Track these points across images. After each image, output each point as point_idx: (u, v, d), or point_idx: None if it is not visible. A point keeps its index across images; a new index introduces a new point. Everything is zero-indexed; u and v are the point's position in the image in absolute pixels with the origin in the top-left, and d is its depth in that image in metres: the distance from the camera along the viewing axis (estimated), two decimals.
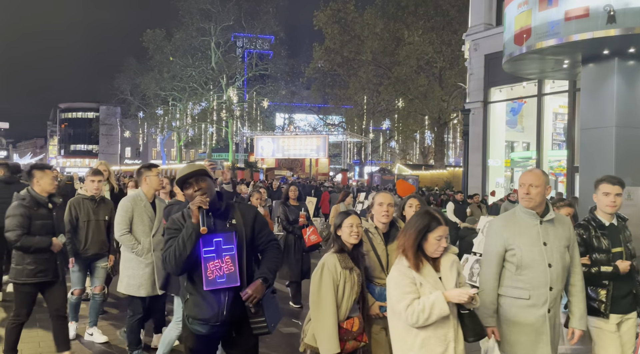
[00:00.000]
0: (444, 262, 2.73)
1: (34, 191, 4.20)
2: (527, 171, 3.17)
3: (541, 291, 2.99)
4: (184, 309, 2.94)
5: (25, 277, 4.10)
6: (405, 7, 31.07)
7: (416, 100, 30.81)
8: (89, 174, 5.17)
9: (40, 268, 4.11)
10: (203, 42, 41.29)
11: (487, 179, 16.60)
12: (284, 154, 36.19)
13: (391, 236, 3.47)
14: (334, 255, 3.12)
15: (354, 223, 3.17)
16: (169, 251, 2.82)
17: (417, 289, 2.63)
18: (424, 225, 2.67)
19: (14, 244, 4.07)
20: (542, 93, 14.99)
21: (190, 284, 2.88)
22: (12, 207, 4.15)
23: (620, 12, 7.88)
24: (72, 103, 76.01)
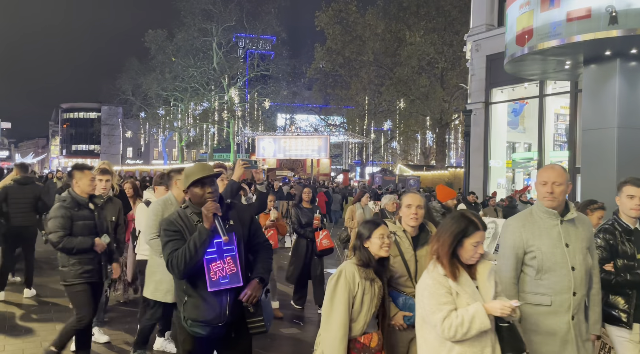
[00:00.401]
0: (481, 270, 2.52)
1: (74, 192, 4.14)
2: (547, 167, 2.97)
3: (564, 296, 2.79)
4: (182, 312, 2.88)
5: (71, 278, 4.05)
6: (407, 7, 31.06)
7: (417, 101, 30.79)
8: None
9: (86, 269, 4.06)
10: (205, 43, 41.34)
11: (489, 180, 16.59)
12: (286, 154, 36.20)
13: (420, 241, 3.22)
14: (354, 265, 2.86)
15: (385, 234, 2.87)
16: (176, 255, 2.75)
17: (454, 300, 2.43)
18: (460, 229, 2.47)
19: (56, 246, 4.01)
20: (544, 94, 14.98)
21: (189, 286, 2.84)
22: (53, 208, 4.11)
23: (622, 13, 7.87)
24: (74, 103, 76.17)
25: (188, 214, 2.91)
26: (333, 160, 41.02)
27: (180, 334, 2.97)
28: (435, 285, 2.46)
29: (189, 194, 2.92)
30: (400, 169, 36.95)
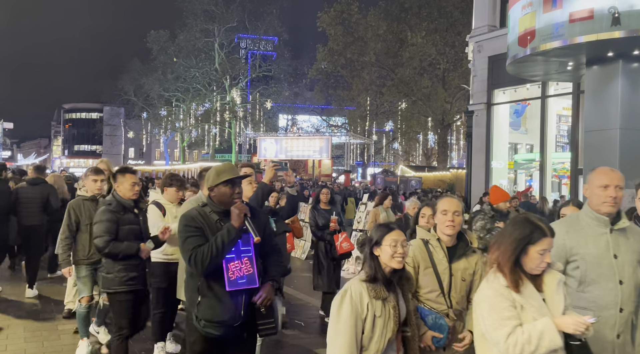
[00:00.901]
0: (548, 281, 2.25)
1: (118, 195, 4.03)
2: (606, 169, 2.73)
3: (609, 312, 2.52)
4: (195, 312, 2.86)
5: (117, 285, 3.90)
6: (409, 8, 31.05)
7: (419, 101, 30.77)
8: (90, 173, 4.92)
9: (131, 276, 3.91)
10: (207, 43, 41.38)
11: (491, 181, 16.56)
12: (287, 155, 36.20)
13: (457, 252, 2.89)
14: (362, 283, 2.45)
15: (399, 240, 2.45)
16: (200, 250, 2.72)
17: (518, 314, 2.16)
18: (524, 235, 2.20)
19: (102, 251, 3.89)
20: (546, 95, 14.95)
21: (205, 286, 2.83)
22: (99, 212, 3.99)
23: (625, 14, 7.86)
24: (76, 104, 76.36)
25: (207, 213, 2.90)
26: (335, 161, 41.02)
27: (191, 335, 2.93)
28: (497, 297, 2.20)
29: (214, 192, 2.91)
30: (402, 170, 36.94)
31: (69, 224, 4.75)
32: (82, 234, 4.78)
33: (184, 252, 2.79)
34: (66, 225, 4.76)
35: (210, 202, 2.93)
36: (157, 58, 42.73)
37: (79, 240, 4.79)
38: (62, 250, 4.77)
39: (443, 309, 2.81)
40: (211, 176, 2.92)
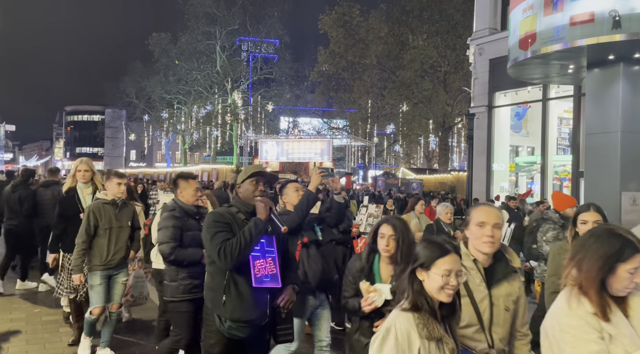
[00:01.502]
0: (635, 304, 1.90)
1: (181, 201, 3.95)
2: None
3: None
4: (221, 313, 2.82)
5: (181, 294, 3.78)
6: (410, 11, 31.12)
7: (420, 104, 30.80)
8: (113, 177, 4.72)
9: (195, 284, 3.78)
10: (208, 46, 41.49)
11: (492, 183, 16.57)
12: (288, 157, 36.21)
13: (496, 274, 2.38)
14: (408, 315, 1.91)
15: (454, 269, 1.92)
16: (230, 243, 2.74)
17: (607, 347, 1.81)
18: (612, 252, 1.84)
19: (167, 258, 3.78)
20: (547, 98, 14.96)
21: (231, 283, 2.82)
22: (163, 218, 3.90)
23: (626, 18, 7.87)
24: (78, 106, 76.57)
25: (234, 213, 2.95)
26: (336, 163, 41.03)
27: (210, 338, 2.89)
28: (583, 327, 1.83)
29: (241, 188, 3.00)
30: (403, 172, 36.93)
31: (87, 228, 4.53)
32: (99, 238, 4.58)
33: (212, 246, 2.77)
34: (84, 229, 4.54)
35: (236, 201, 3.00)
36: (158, 60, 42.85)
37: (96, 245, 4.58)
38: (77, 255, 4.54)
39: (483, 349, 2.31)
40: (240, 174, 3.04)
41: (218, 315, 2.83)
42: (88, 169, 5.28)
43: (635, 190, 8.62)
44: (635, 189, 8.64)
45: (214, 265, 2.86)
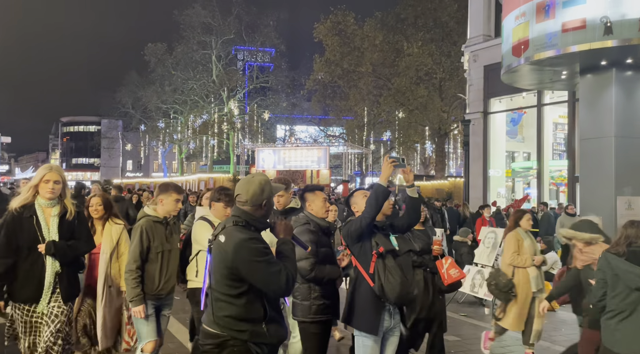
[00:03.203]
0: None
1: (312, 215, 3.74)
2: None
3: None
4: (262, 340, 2.70)
5: (313, 314, 3.59)
6: (405, 19, 31.31)
7: (416, 111, 30.90)
8: (172, 191, 4.03)
9: (327, 303, 3.60)
10: (204, 56, 41.63)
11: (488, 189, 16.61)
12: (285, 165, 36.22)
13: None
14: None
15: None
16: (288, 268, 2.65)
17: None
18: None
19: (307, 275, 3.56)
20: (542, 103, 15.06)
21: (271, 309, 2.78)
22: (298, 232, 3.60)
23: (617, 24, 7.96)
24: (73, 117, 76.54)
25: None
26: (333, 171, 41.06)
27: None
28: None
29: (266, 206, 2.81)
30: (400, 179, 36.98)
31: (141, 252, 3.85)
32: (151, 263, 3.92)
33: (273, 273, 2.58)
34: (137, 252, 3.84)
35: (253, 220, 2.75)
36: (154, 71, 42.96)
37: (147, 270, 3.93)
38: (133, 284, 3.84)
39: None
40: (260, 191, 2.74)
41: (257, 343, 2.69)
42: (59, 180, 3.70)
43: (630, 194, 8.67)
44: (630, 193, 8.69)
45: (249, 295, 2.65)
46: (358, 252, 3.43)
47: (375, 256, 3.35)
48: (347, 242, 3.50)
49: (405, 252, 3.55)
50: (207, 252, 2.87)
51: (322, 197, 3.80)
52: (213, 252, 2.75)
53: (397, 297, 3.33)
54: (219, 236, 2.71)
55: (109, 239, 4.27)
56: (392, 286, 3.31)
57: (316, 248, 3.59)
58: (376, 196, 3.33)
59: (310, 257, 3.56)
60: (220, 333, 2.66)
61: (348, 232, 3.45)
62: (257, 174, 2.91)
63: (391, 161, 3.48)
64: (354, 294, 3.44)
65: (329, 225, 3.81)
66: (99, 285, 4.18)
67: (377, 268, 3.35)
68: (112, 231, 4.30)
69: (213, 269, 2.74)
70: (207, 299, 2.80)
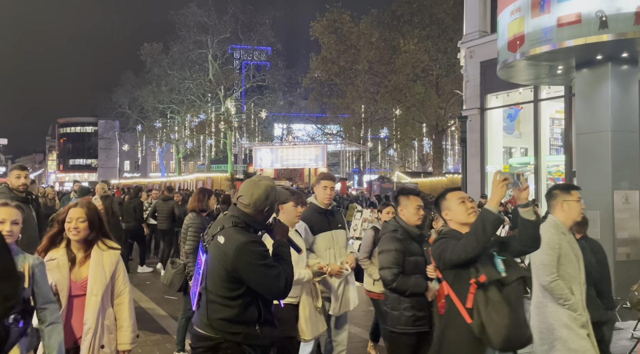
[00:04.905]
0: None
1: (403, 221, 3.60)
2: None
3: None
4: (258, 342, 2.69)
5: (402, 325, 3.48)
6: (401, 16, 31.32)
7: (413, 108, 30.91)
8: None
9: (418, 316, 3.47)
10: (200, 55, 41.56)
11: (486, 185, 16.61)
12: (283, 164, 36.22)
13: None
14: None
15: None
16: (286, 271, 2.65)
17: None
18: None
19: (389, 285, 3.47)
20: (539, 99, 15.05)
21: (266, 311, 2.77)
22: (384, 240, 3.60)
23: (612, 18, 7.93)
24: (70, 118, 76.34)
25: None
26: (330, 169, 41.03)
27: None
28: None
29: (267, 212, 2.77)
30: (397, 176, 37.00)
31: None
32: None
33: (273, 277, 2.56)
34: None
35: (253, 221, 2.71)
36: (151, 70, 42.89)
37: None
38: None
39: None
40: (265, 197, 2.70)
41: (251, 345, 2.66)
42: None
43: (627, 188, 8.66)
44: (627, 187, 8.68)
45: (246, 297, 2.62)
46: (452, 279, 2.82)
47: (474, 286, 2.70)
48: (437, 265, 2.95)
49: (515, 280, 2.78)
50: (202, 252, 2.81)
51: (416, 203, 3.56)
52: (210, 253, 2.69)
53: (504, 341, 2.61)
54: (217, 236, 2.65)
55: (99, 272, 2.93)
56: (496, 326, 2.60)
57: (403, 257, 3.41)
58: (484, 226, 2.66)
59: (393, 267, 3.39)
60: (214, 335, 2.62)
61: (440, 257, 2.82)
62: (264, 177, 2.85)
63: (503, 178, 2.76)
64: (445, 331, 2.85)
65: (421, 232, 3.58)
66: (84, 345, 2.85)
67: (476, 301, 2.67)
68: (104, 261, 2.98)
69: (210, 270, 2.68)
70: (200, 300, 2.74)
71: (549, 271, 3.28)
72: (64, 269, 2.90)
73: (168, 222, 10.31)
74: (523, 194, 2.91)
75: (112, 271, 2.99)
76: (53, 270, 2.84)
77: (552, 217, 3.54)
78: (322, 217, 4.12)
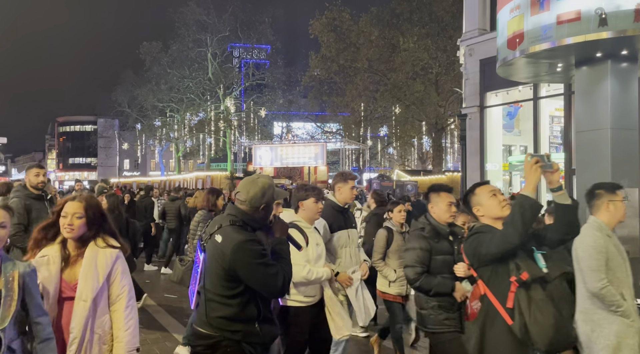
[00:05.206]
0: None
1: (433, 219, 3.54)
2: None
3: None
4: (257, 340, 2.69)
5: (433, 324, 3.46)
6: (400, 14, 31.29)
7: (413, 106, 30.90)
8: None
9: (447, 316, 3.42)
10: (199, 53, 41.51)
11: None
12: (282, 162, 36.20)
13: None
14: None
15: None
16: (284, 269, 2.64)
17: None
18: None
19: (412, 284, 3.46)
20: (538, 96, 15.05)
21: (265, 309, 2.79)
22: (411, 237, 3.58)
23: (612, 15, 7.92)
24: (70, 117, 76.32)
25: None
26: (330, 167, 41.02)
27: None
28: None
29: (265, 211, 2.75)
30: (397, 174, 37.00)
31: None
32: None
33: (271, 276, 2.55)
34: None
35: (250, 220, 2.70)
36: (150, 69, 42.86)
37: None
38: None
39: None
40: (261, 194, 2.69)
41: (251, 343, 2.66)
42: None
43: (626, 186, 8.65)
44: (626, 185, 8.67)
45: (244, 296, 2.61)
46: (489, 277, 2.65)
47: (515, 284, 2.52)
48: (471, 263, 2.78)
49: (558, 277, 2.64)
50: (200, 251, 2.81)
51: (447, 199, 3.47)
52: (208, 252, 2.69)
53: (550, 342, 2.46)
54: (214, 235, 2.65)
55: (90, 274, 2.57)
56: (541, 327, 2.44)
57: (429, 256, 3.36)
58: (522, 213, 2.49)
59: (416, 265, 3.35)
60: (213, 333, 2.61)
61: (475, 253, 2.67)
62: (262, 175, 2.87)
63: (535, 160, 2.66)
64: (484, 334, 2.66)
65: (452, 230, 3.48)
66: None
67: (517, 300, 2.51)
68: (98, 260, 2.62)
69: (207, 269, 2.68)
70: (199, 299, 2.74)
71: (598, 277, 3.09)
72: (54, 267, 2.57)
73: (177, 221, 10.74)
74: (554, 176, 2.74)
75: (106, 272, 2.61)
76: (42, 267, 2.51)
77: (595, 219, 3.32)
78: (339, 216, 4.18)
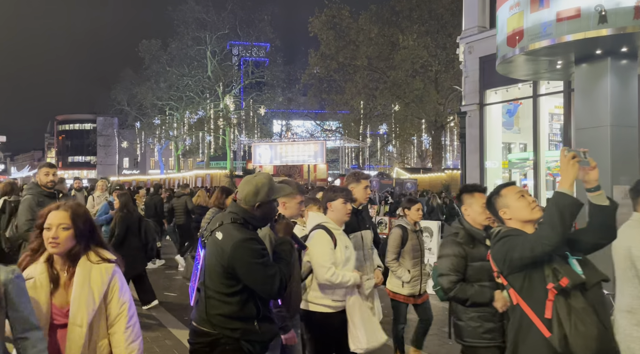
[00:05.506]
0: None
1: (467, 223, 3.31)
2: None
3: None
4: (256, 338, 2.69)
5: (470, 338, 3.21)
6: (400, 12, 31.26)
7: (412, 104, 30.88)
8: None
9: (487, 327, 3.15)
10: (199, 51, 41.47)
11: (485, 181, 16.61)
12: (282, 160, 36.19)
13: None
14: None
15: None
16: (283, 270, 2.66)
17: None
18: None
19: (447, 293, 3.24)
20: (538, 94, 15.03)
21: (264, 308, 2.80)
22: (444, 244, 3.37)
23: (612, 12, 7.91)
24: (69, 115, 76.31)
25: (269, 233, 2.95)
26: (330, 165, 41.02)
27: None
28: None
29: (264, 208, 2.76)
30: (397, 172, 37.02)
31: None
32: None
33: (269, 277, 2.55)
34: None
35: (251, 218, 2.71)
36: (149, 67, 42.82)
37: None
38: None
39: None
40: (254, 193, 2.70)
41: (250, 341, 2.65)
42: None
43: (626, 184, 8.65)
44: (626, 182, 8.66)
45: (243, 294, 2.61)
46: (521, 285, 2.38)
47: (553, 291, 2.26)
48: (500, 269, 2.49)
49: (596, 284, 2.36)
50: (201, 248, 2.83)
51: (482, 200, 3.16)
52: (208, 249, 2.70)
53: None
54: (215, 232, 2.66)
55: (84, 295, 2.24)
56: (583, 339, 2.20)
57: (464, 263, 3.15)
58: (560, 212, 2.23)
59: (450, 273, 3.15)
60: (212, 331, 2.61)
61: (507, 259, 2.38)
62: (260, 174, 2.87)
63: (572, 155, 2.42)
64: (517, 348, 2.41)
65: (487, 235, 3.19)
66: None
67: (556, 310, 2.26)
68: (92, 278, 2.28)
69: (207, 266, 2.69)
70: (198, 296, 2.75)
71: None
72: (42, 291, 2.19)
73: (185, 217, 10.88)
74: (591, 174, 2.48)
75: (102, 291, 2.26)
76: (29, 292, 2.15)
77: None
78: (353, 217, 3.99)
